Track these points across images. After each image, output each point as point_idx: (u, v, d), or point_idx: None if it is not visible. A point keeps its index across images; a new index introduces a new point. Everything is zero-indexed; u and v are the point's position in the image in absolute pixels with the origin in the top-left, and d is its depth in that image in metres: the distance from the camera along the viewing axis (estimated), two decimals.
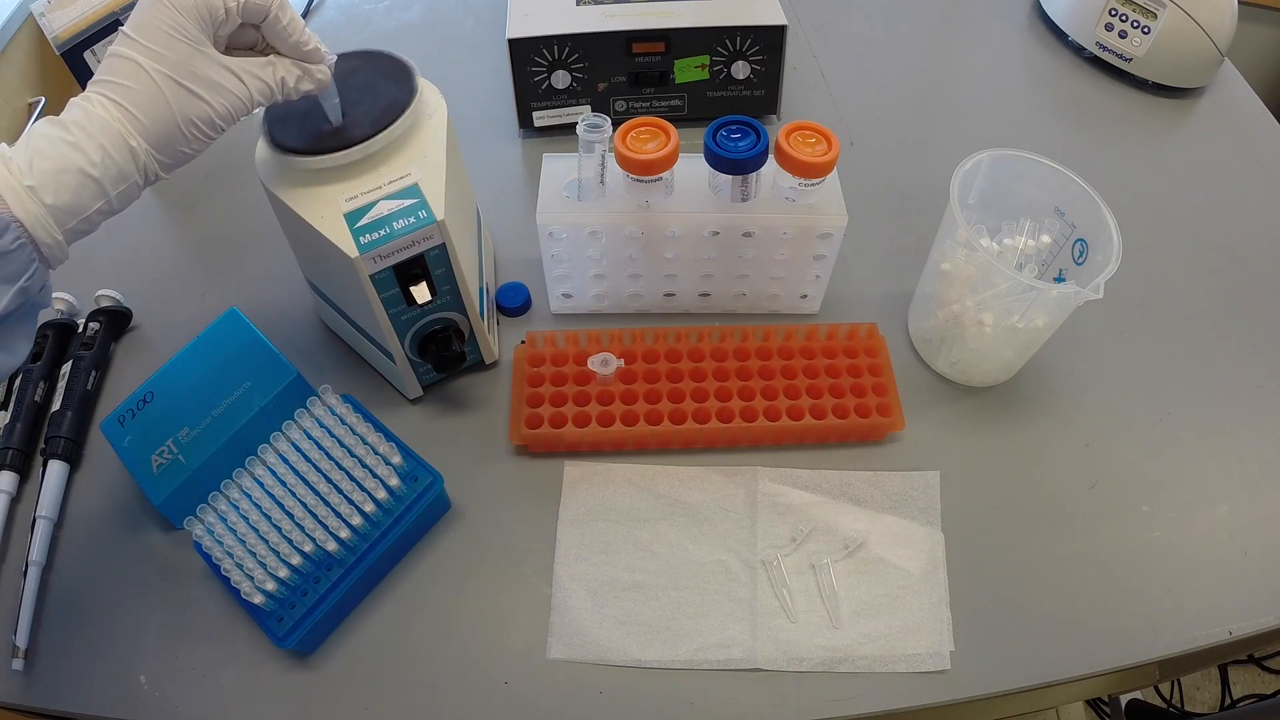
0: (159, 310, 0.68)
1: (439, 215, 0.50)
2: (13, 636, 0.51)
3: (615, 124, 0.56)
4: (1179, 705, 1.21)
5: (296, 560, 0.49)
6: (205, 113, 0.43)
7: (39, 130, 0.41)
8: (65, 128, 0.40)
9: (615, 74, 0.75)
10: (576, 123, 0.55)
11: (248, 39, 0.46)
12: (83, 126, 0.40)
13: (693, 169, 0.58)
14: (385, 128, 0.51)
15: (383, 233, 0.49)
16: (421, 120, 0.54)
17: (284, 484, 0.51)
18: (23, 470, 0.58)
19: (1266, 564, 0.54)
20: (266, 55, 0.47)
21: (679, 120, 0.67)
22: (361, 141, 0.50)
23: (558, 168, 0.61)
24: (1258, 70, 1.20)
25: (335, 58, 0.50)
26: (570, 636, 0.51)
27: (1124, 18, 0.82)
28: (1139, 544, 0.55)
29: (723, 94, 0.77)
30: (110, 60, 0.43)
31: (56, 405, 0.60)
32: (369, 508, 0.51)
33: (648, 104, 0.77)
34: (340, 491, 0.51)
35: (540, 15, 0.73)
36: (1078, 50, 0.88)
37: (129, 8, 0.68)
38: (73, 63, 0.67)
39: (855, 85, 0.85)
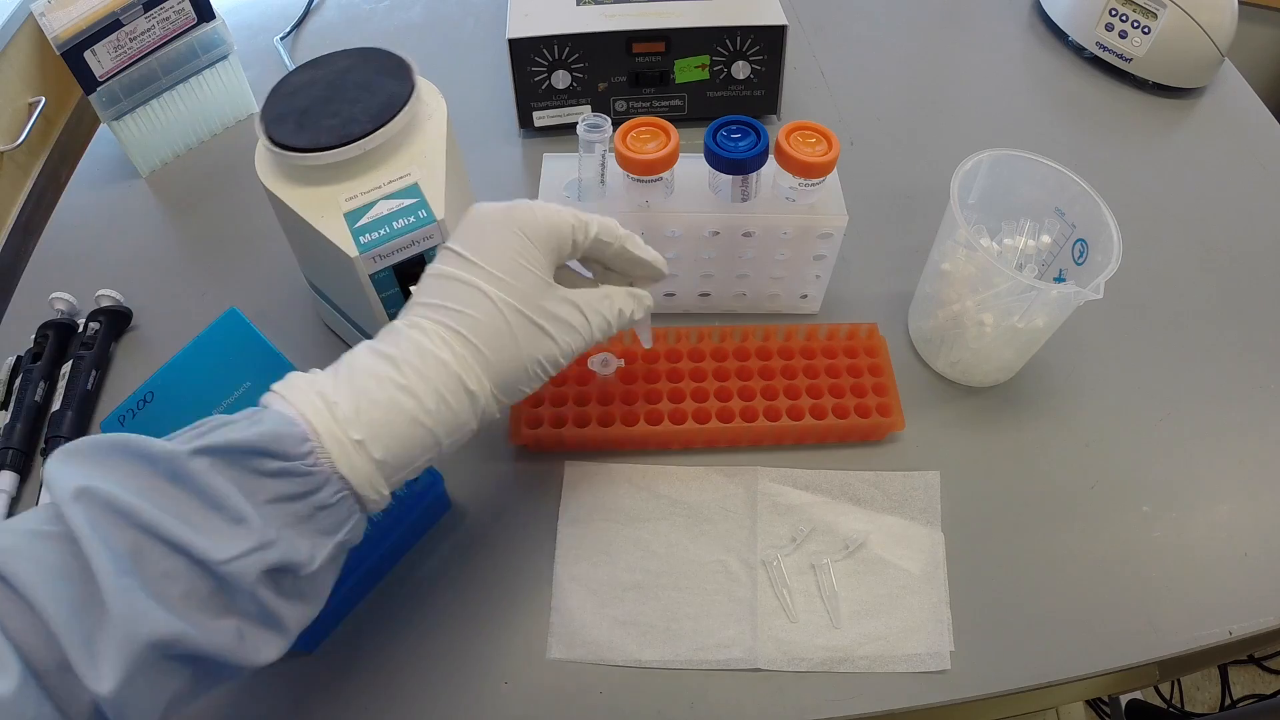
0: (159, 310, 0.68)
1: (439, 215, 0.50)
2: None
3: (615, 124, 0.56)
4: (1179, 705, 1.21)
5: None
6: (552, 352, 0.39)
7: (364, 365, 0.36)
8: (397, 366, 0.36)
9: (615, 74, 0.75)
10: (576, 123, 0.55)
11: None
12: (416, 368, 0.36)
13: (693, 169, 0.58)
14: (384, 124, 0.51)
15: (382, 232, 0.49)
16: (421, 120, 0.54)
17: None
18: (23, 470, 0.58)
19: (1266, 564, 0.54)
20: (594, 280, 0.45)
21: (679, 120, 0.67)
22: (360, 138, 0.50)
23: (558, 168, 0.61)
24: (1258, 70, 1.20)
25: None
26: (570, 636, 0.51)
27: (1124, 18, 0.82)
28: (1139, 544, 0.55)
29: (723, 94, 0.77)
30: (444, 283, 0.38)
31: (56, 405, 0.60)
32: None
33: (648, 104, 0.77)
34: None
35: (540, 15, 0.73)
36: (1078, 50, 0.88)
37: (129, 8, 0.68)
38: (73, 63, 0.67)
39: (855, 85, 0.85)
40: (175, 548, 0.31)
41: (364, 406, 0.35)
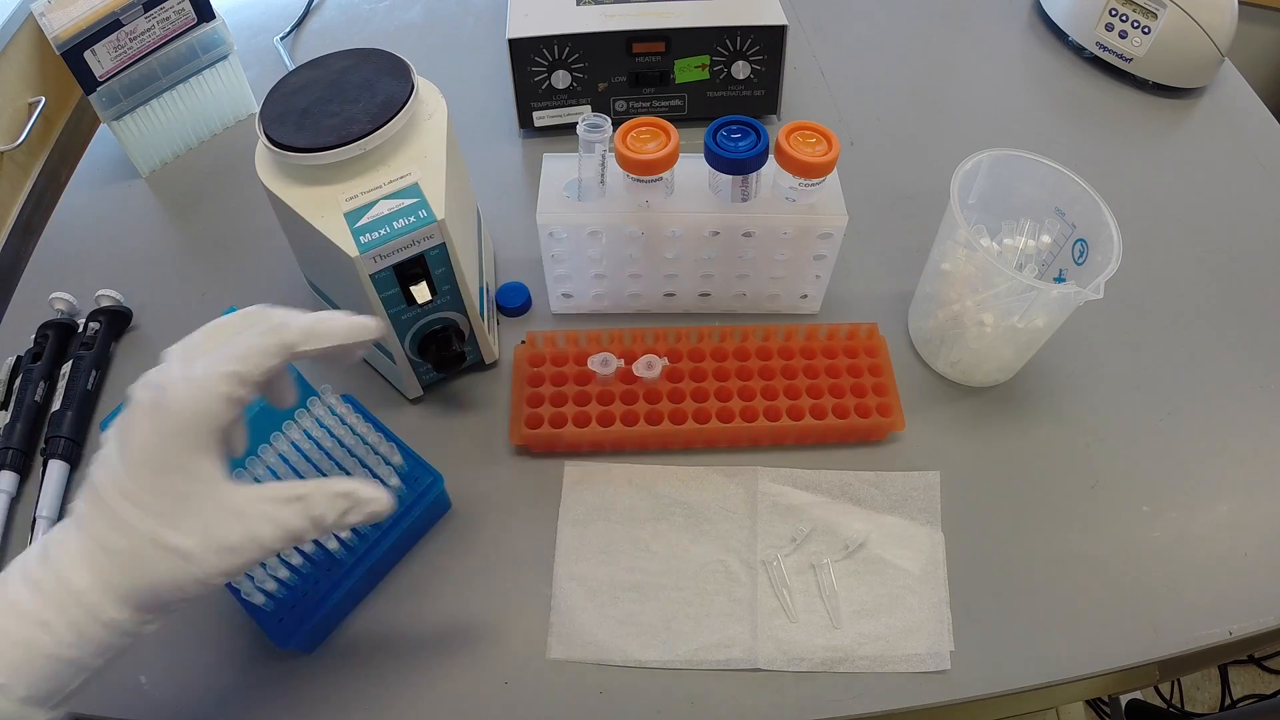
0: (159, 310, 0.68)
1: (439, 215, 0.50)
2: None
3: (615, 124, 0.56)
4: (1179, 705, 1.21)
5: (297, 560, 0.49)
6: (201, 574, 0.35)
7: (13, 589, 0.34)
8: (38, 593, 0.33)
9: (615, 74, 0.75)
10: (576, 123, 0.55)
11: None
12: (54, 597, 0.33)
13: (693, 169, 0.58)
14: (384, 124, 0.51)
15: (383, 232, 0.49)
16: (421, 120, 0.54)
17: None
18: (23, 470, 0.58)
19: (1266, 564, 0.54)
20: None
21: (679, 120, 0.67)
22: (360, 138, 0.50)
23: (558, 168, 0.61)
24: (1258, 70, 1.20)
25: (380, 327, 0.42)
26: (570, 636, 0.51)
27: (1124, 18, 0.82)
28: (1139, 544, 0.55)
29: (723, 94, 0.77)
30: (95, 499, 0.35)
31: (56, 405, 0.60)
32: None
33: (648, 104, 0.77)
34: None
35: (540, 15, 0.73)
36: (1078, 50, 0.88)
37: (129, 8, 0.68)
38: (73, 63, 0.67)
39: (855, 85, 0.85)
40: None
41: (2, 648, 0.33)
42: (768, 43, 0.73)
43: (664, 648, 0.50)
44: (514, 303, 0.65)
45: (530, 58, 0.73)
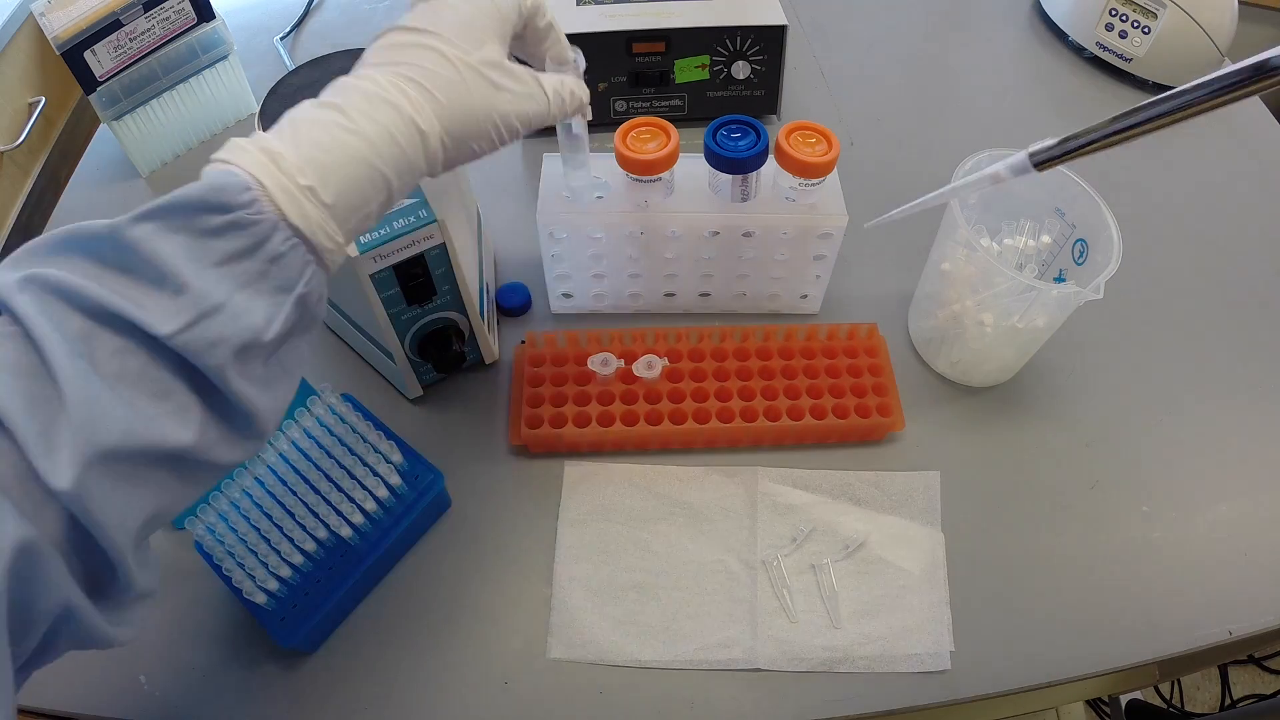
0: None
1: (439, 215, 0.50)
2: None
3: (615, 124, 0.56)
4: (1179, 705, 1.21)
5: (298, 559, 0.49)
6: (507, 109, 0.38)
7: (308, 115, 0.35)
8: (344, 112, 0.34)
9: (615, 74, 0.75)
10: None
11: None
12: (365, 111, 0.35)
13: (693, 169, 0.58)
14: None
15: (382, 232, 0.49)
16: None
17: (285, 483, 0.51)
18: None
19: (1266, 564, 0.54)
20: None
21: (679, 120, 0.67)
22: None
23: (558, 168, 0.60)
24: None
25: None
26: (570, 636, 0.51)
27: (1124, 18, 0.82)
28: (1139, 544, 0.55)
29: (723, 94, 0.77)
30: (394, 49, 0.37)
31: None
32: (370, 505, 0.51)
33: (648, 104, 0.77)
34: (341, 489, 0.51)
35: None
36: (1078, 50, 0.88)
37: (129, 8, 0.68)
38: (73, 63, 0.67)
39: (855, 85, 0.85)
40: (124, 326, 0.29)
41: (310, 153, 0.33)
42: (768, 43, 0.73)
43: (664, 648, 0.50)
44: (514, 303, 0.66)
45: None
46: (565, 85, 0.43)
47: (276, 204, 0.32)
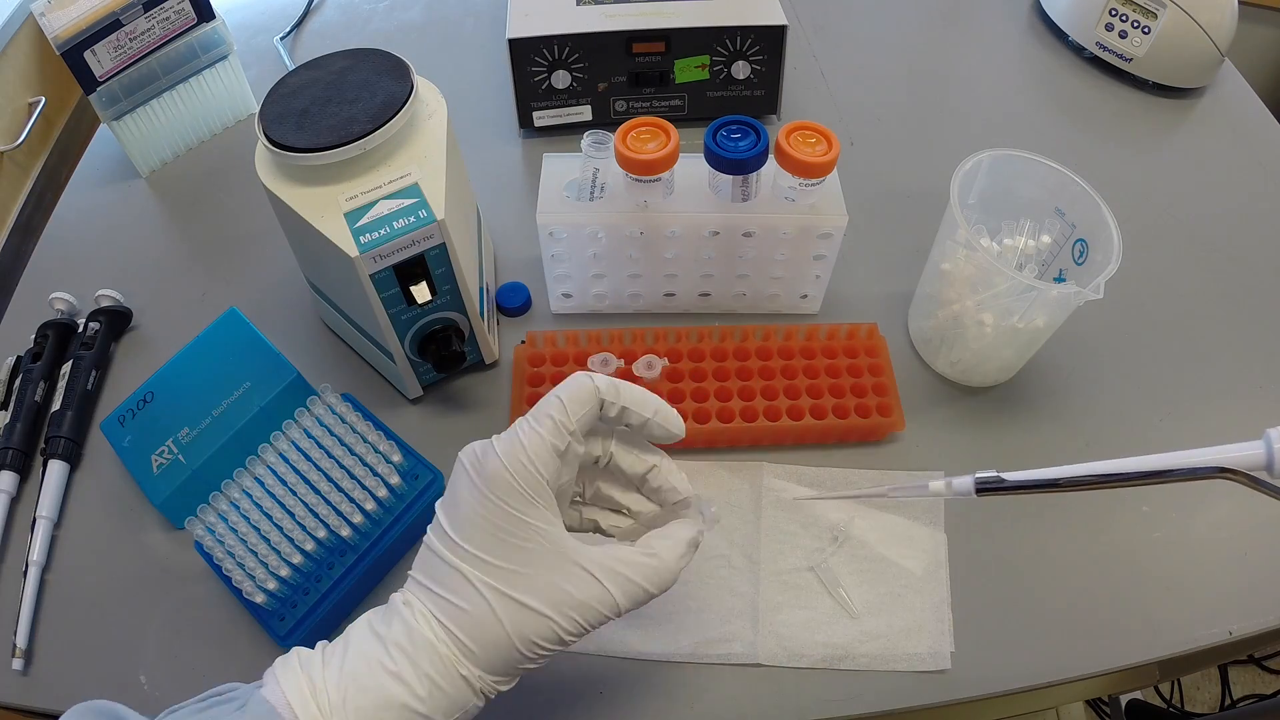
0: (159, 310, 0.68)
1: (439, 215, 0.50)
2: (13, 636, 0.51)
3: (615, 124, 0.56)
4: (1179, 705, 1.21)
5: (298, 559, 0.49)
6: (548, 631, 0.35)
7: (358, 644, 0.34)
8: (386, 649, 0.34)
9: (615, 74, 0.75)
10: (576, 122, 0.55)
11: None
12: (406, 651, 0.34)
13: (693, 169, 0.58)
14: (384, 124, 0.51)
15: (383, 232, 0.49)
16: (421, 120, 0.54)
17: (284, 483, 0.51)
18: (23, 470, 0.58)
19: (1266, 564, 0.54)
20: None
21: (679, 120, 0.67)
22: (360, 138, 0.50)
23: (558, 168, 0.61)
24: (1258, 70, 1.20)
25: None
26: None
27: (1124, 18, 0.82)
28: (1139, 544, 0.55)
29: (723, 94, 0.77)
30: (430, 560, 0.36)
31: (56, 405, 0.60)
32: (370, 505, 0.51)
33: (648, 104, 0.77)
34: (341, 490, 0.51)
35: (540, 15, 0.73)
36: (1078, 50, 0.88)
37: (129, 8, 0.68)
38: (73, 63, 0.67)
39: (855, 85, 0.85)
40: None
41: (351, 693, 0.33)
42: (768, 43, 0.73)
43: (665, 641, 0.50)
44: (514, 303, 0.66)
45: (530, 58, 0.73)
46: (643, 562, 0.36)
47: None
